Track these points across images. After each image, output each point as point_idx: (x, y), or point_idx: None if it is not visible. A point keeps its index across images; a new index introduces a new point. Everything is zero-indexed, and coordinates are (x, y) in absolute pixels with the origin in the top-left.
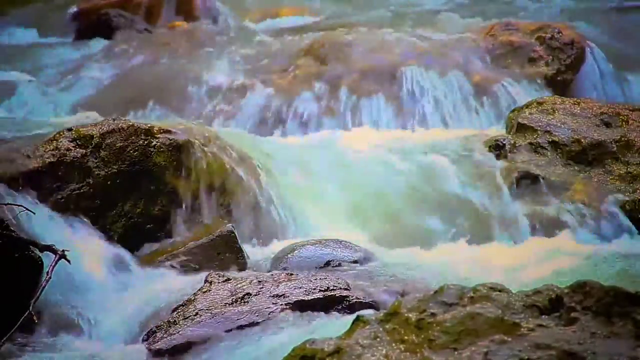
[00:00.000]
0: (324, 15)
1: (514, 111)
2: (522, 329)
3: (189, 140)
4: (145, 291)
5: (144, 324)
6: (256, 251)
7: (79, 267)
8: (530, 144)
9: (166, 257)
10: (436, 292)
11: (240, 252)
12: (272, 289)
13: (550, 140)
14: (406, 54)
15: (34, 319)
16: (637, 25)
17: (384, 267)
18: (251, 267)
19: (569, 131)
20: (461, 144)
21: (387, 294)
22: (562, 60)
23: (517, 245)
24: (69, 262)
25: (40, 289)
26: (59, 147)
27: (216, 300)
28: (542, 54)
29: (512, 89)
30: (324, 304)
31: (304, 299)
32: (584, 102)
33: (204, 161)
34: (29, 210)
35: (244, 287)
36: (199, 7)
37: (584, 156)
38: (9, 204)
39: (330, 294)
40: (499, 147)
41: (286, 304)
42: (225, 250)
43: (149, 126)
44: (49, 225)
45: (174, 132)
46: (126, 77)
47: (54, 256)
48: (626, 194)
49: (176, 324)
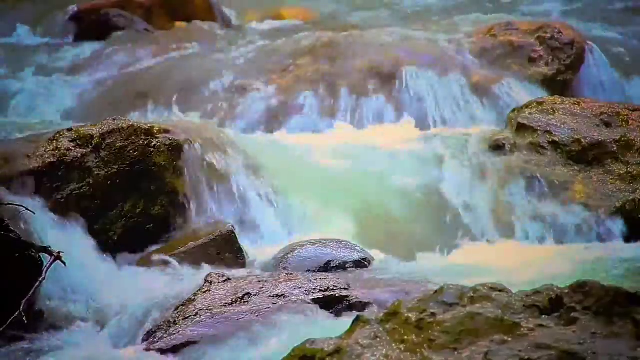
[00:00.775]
0: (324, 15)
1: (514, 111)
2: (522, 329)
3: (189, 140)
4: (145, 291)
5: (143, 324)
6: (256, 251)
7: (78, 267)
8: (530, 144)
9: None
10: (436, 292)
11: (240, 252)
12: (272, 289)
13: (550, 140)
14: (406, 54)
15: (24, 319)
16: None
17: (384, 267)
18: (251, 267)
19: (569, 131)
20: (461, 144)
21: (387, 294)
22: (562, 60)
23: (517, 245)
24: (64, 264)
25: (32, 289)
26: (59, 147)
27: (216, 300)
28: (542, 54)
29: (512, 89)
30: (324, 304)
31: (304, 299)
32: (584, 102)
33: (204, 161)
34: (29, 210)
35: (244, 287)
36: (200, 7)
37: (584, 156)
38: (9, 204)
39: (330, 294)
40: (499, 147)
41: (286, 304)
42: (225, 250)
43: (149, 126)
44: (48, 225)
45: (174, 132)
46: (126, 77)
47: (50, 258)
48: (626, 194)
49: (176, 324)
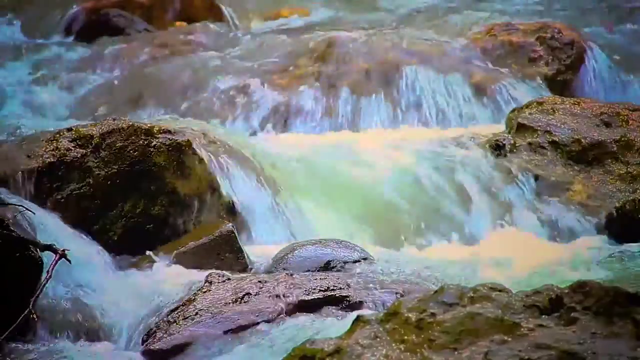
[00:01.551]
0: (324, 15)
1: (514, 111)
2: (522, 329)
3: (189, 140)
4: (145, 291)
5: (144, 324)
6: (256, 251)
7: (78, 267)
8: (530, 144)
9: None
10: (436, 292)
11: (240, 252)
12: (272, 289)
13: (550, 140)
14: (406, 54)
15: (34, 317)
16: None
17: (384, 267)
18: (251, 267)
19: (569, 131)
20: (461, 144)
21: (387, 294)
22: (562, 60)
23: (516, 245)
24: (69, 261)
25: (40, 288)
26: (59, 147)
27: (216, 300)
28: (542, 54)
29: (512, 89)
30: (324, 304)
31: (304, 299)
32: (584, 102)
33: (204, 161)
34: (29, 210)
35: (244, 287)
36: (200, 7)
37: (584, 156)
38: (9, 204)
39: (330, 294)
40: (499, 147)
41: (286, 304)
42: (225, 250)
43: (149, 126)
44: (48, 225)
45: (174, 132)
46: (126, 78)
47: (55, 256)
48: (626, 194)
49: (176, 324)
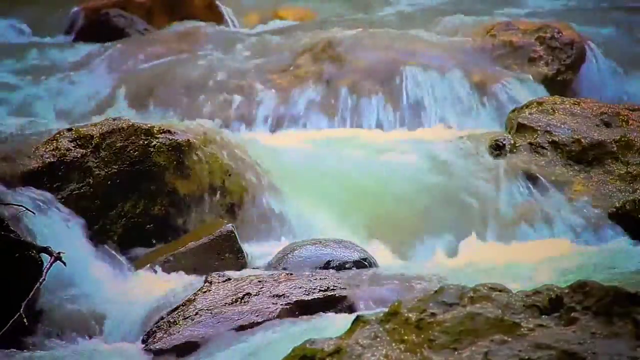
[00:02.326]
0: (324, 15)
1: (514, 111)
2: (522, 329)
3: (189, 140)
4: (145, 291)
5: (144, 324)
6: (256, 251)
7: (78, 268)
8: (530, 144)
9: (166, 257)
10: (436, 292)
11: (240, 252)
12: (272, 289)
13: (550, 140)
14: (406, 54)
15: (24, 321)
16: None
17: (384, 267)
18: (251, 267)
19: (569, 131)
20: (461, 144)
21: (387, 293)
22: (562, 60)
23: (517, 245)
24: (64, 264)
25: (33, 290)
26: (59, 147)
27: (216, 300)
28: (542, 54)
29: (512, 89)
30: (324, 304)
31: (304, 299)
32: (584, 102)
33: (204, 161)
34: (29, 210)
35: (244, 287)
36: (200, 7)
37: (584, 156)
38: (9, 204)
39: (330, 294)
40: (499, 147)
41: (286, 304)
42: (225, 250)
43: (149, 126)
44: (48, 225)
45: (174, 132)
46: (126, 77)
47: (50, 258)
48: (626, 194)
49: (176, 324)
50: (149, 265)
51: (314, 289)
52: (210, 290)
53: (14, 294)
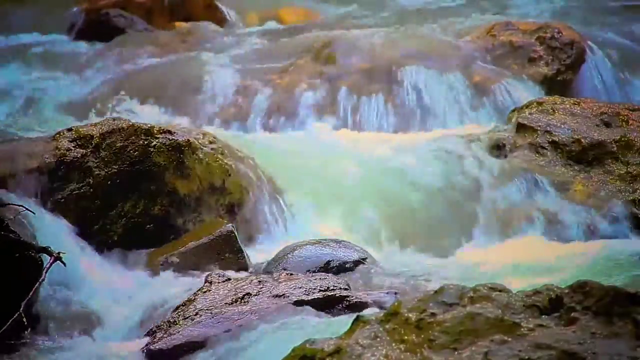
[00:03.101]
0: (324, 15)
1: (514, 111)
2: (522, 329)
3: (188, 140)
4: (145, 291)
5: (144, 324)
6: (256, 251)
7: (78, 268)
8: (530, 144)
9: (166, 257)
10: (436, 292)
11: (240, 252)
12: (272, 289)
13: (550, 140)
14: (406, 54)
15: (24, 320)
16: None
17: (384, 267)
18: (251, 267)
19: (569, 131)
20: (461, 144)
21: (387, 294)
22: (562, 60)
23: (517, 245)
24: (64, 264)
25: (32, 290)
26: (59, 147)
27: (216, 300)
28: (542, 54)
29: (512, 89)
30: (324, 304)
31: (304, 299)
32: (584, 102)
33: (204, 161)
34: (29, 210)
35: (244, 287)
36: (200, 7)
37: (584, 156)
38: (9, 204)
39: (330, 294)
40: (499, 147)
41: (286, 304)
42: (225, 250)
43: (149, 126)
44: (48, 225)
45: (174, 132)
46: (126, 77)
47: (49, 258)
48: (626, 194)
49: (176, 324)
50: (149, 265)
51: (314, 289)
52: (210, 290)
53: (14, 293)
